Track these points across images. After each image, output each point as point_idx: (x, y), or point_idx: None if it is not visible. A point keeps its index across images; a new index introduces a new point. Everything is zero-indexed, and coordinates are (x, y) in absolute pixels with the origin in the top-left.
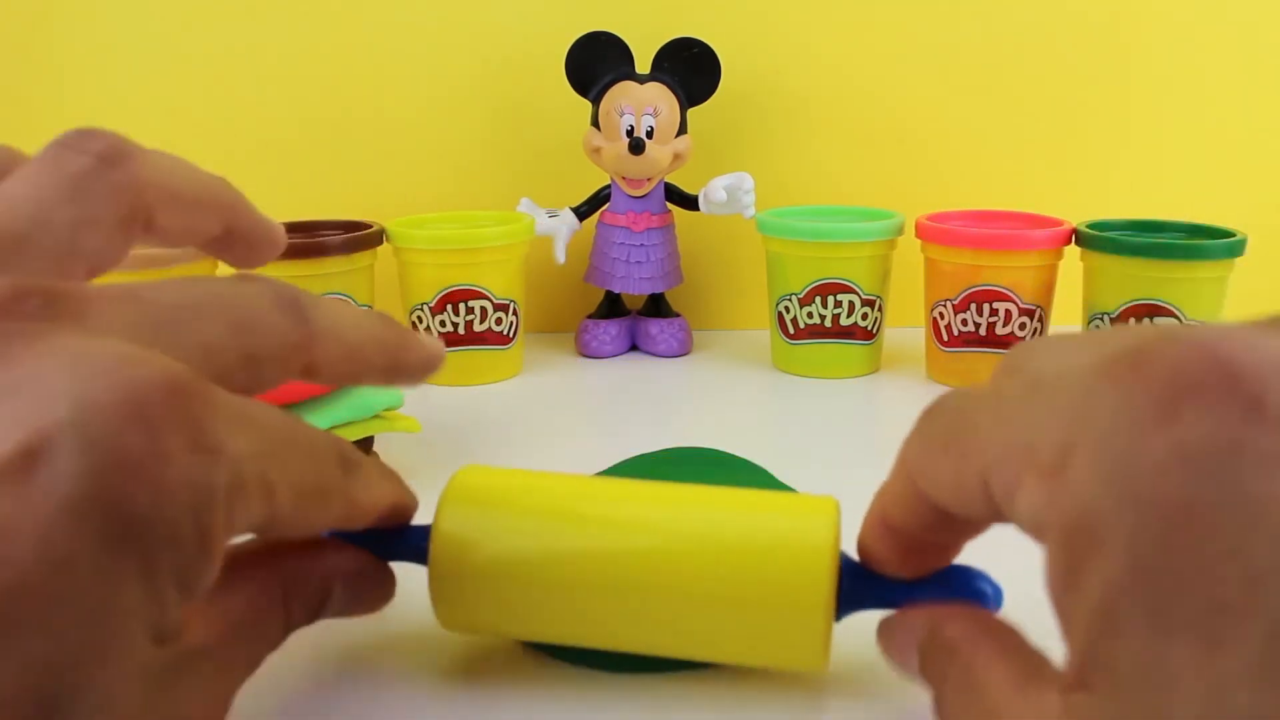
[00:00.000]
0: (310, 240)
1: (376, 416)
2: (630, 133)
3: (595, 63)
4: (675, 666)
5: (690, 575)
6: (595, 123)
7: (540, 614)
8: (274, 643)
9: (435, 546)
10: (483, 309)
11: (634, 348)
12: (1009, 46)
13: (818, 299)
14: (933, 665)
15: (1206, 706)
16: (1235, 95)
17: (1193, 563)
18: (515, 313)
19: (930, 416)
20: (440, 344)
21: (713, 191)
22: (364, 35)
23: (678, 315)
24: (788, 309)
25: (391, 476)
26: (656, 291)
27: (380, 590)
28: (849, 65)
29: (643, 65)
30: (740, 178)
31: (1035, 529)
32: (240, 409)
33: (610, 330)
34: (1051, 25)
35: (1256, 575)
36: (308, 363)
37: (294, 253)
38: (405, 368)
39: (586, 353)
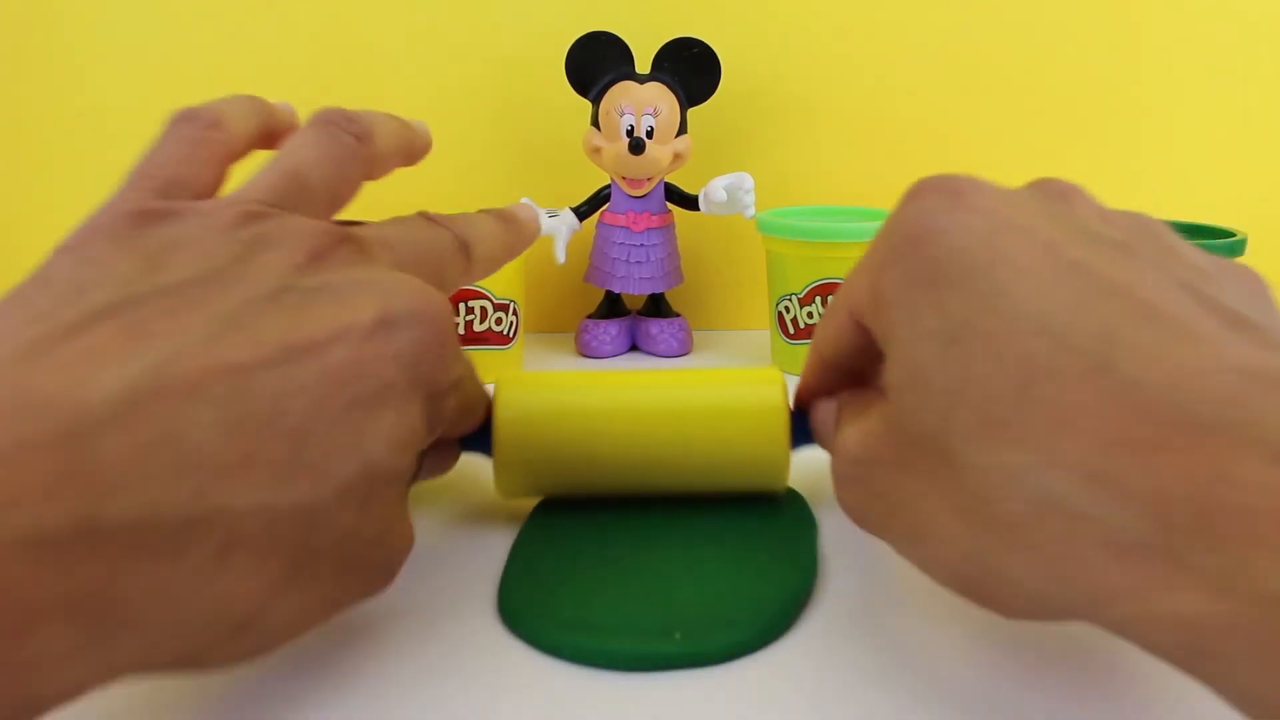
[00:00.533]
0: None
1: None
2: (630, 133)
3: (595, 63)
4: (675, 666)
5: (692, 424)
6: (595, 123)
7: (583, 468)
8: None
9: (497, 428)
10: (483, 309)
11: (634, 348)
12: (1009, 46)
13: (818, 299)
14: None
15: (933, 318)
16: (1235, 95)
17: (923, 256)
18: (515, 313)
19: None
20: (532, 222)
21: (713, 191)
22: (364, 35)
23: (678, 315)
24: (788, 309)
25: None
26: (656, 291)
27: (449, 457)
28: (849, 65)
29: (643, 65)
30: (740, 177)
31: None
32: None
33: (610, 330)
34: (1052, 25)
35: (950, 251)
36: (468, 285)
37: None
38: (520, 250)
39: (586, 353)
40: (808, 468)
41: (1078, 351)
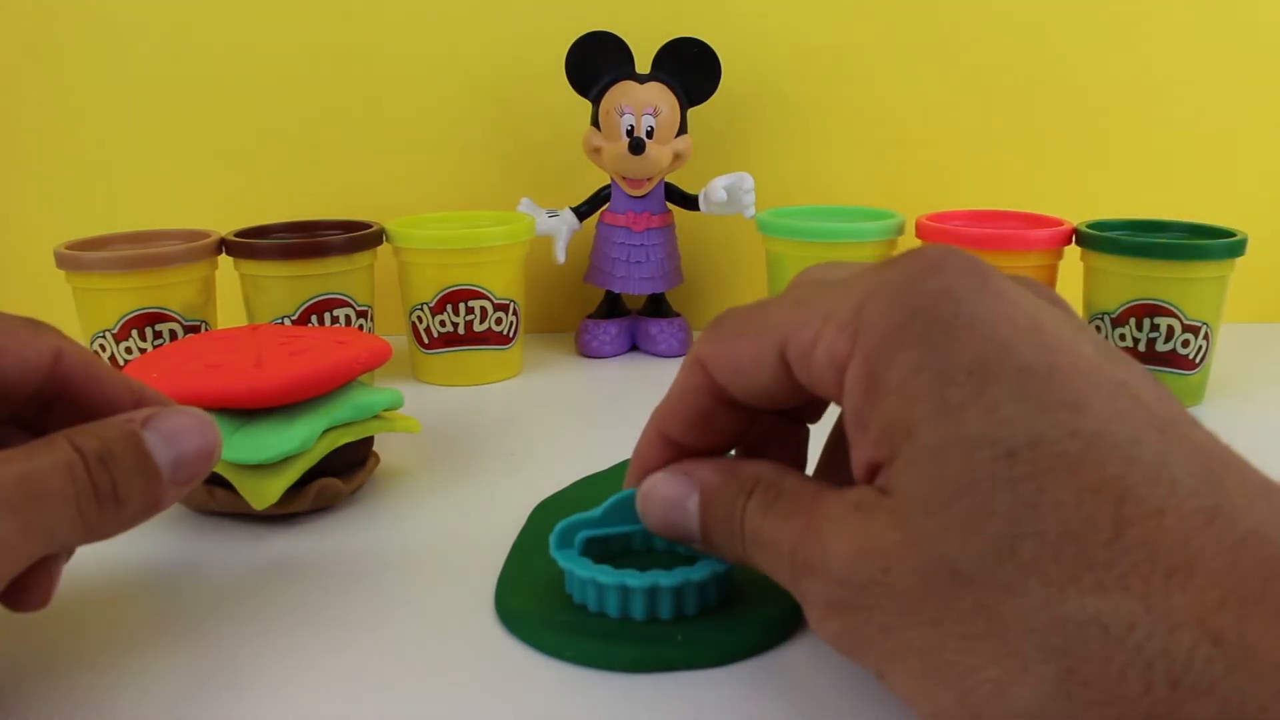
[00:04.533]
0: (310, 240)
1: (376, 417)
2: (630, 133)
3: (595, 63)
4: (676, 668)
5: None
6: (595, 123)
7: None
8: None
9: None
10: (483, 309)
11: (634, 348)
12: (1009, 47)
13: None
14: (723, 509)
15: (982, 422)
16: (1235, 95)
17: (959, 344)
18: (515, 313)
19: (720, 320)
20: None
21: (713, 191)
22: (364, 35)
23: (678, 315)
24: None
25: None
26: (656, 291)
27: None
28: (849, 65)
29: (643, 65)
30: (740, 177)
31: (831, 369)
32: None
33: (610, 330)
34: (1051, 25)
35: (993, 344)
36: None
37: (294, 253)
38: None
39: (586, 353)
40: (807, 467)
41: (1183, 491)
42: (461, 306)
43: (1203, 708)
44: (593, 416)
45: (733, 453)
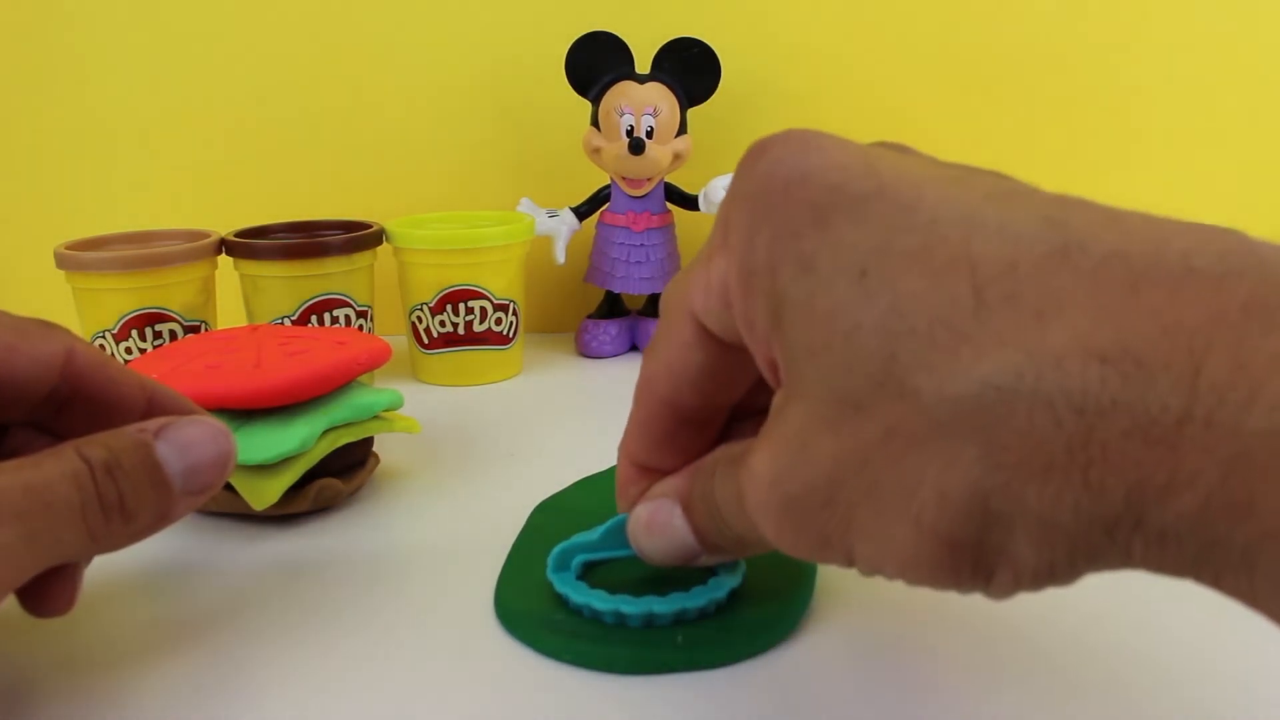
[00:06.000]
0: (310, 240)
1: (376, 417)
2: (630, 133)
3: (595, 63)
4: (677, 670)
5: None
6: (595, 123)
7: None
8: None
9: None
10: (483, 309)
11: (634, 348)
12: (1008, 47)
13: None
14: (701, 505)
15: (832, 257)
16: (1235, 95)
17: (796, 202)
18: (515, 313)
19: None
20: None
21: (713, 191)
22: (364, 35)
23: None
24: None
25: None
26: (656, 291)
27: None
28: (849, 65)
29: (643, 65)
30: None
31: (725, 294)
32: None
33: (610, 330)
34: (1051, 25)
35: (825, 188)
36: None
37: (294, 253)
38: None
39: (586, 353)
40: None
41: (1029, 240)
42: (461, 306)
43: (1114, 424)
44: (593, 416)
45: None
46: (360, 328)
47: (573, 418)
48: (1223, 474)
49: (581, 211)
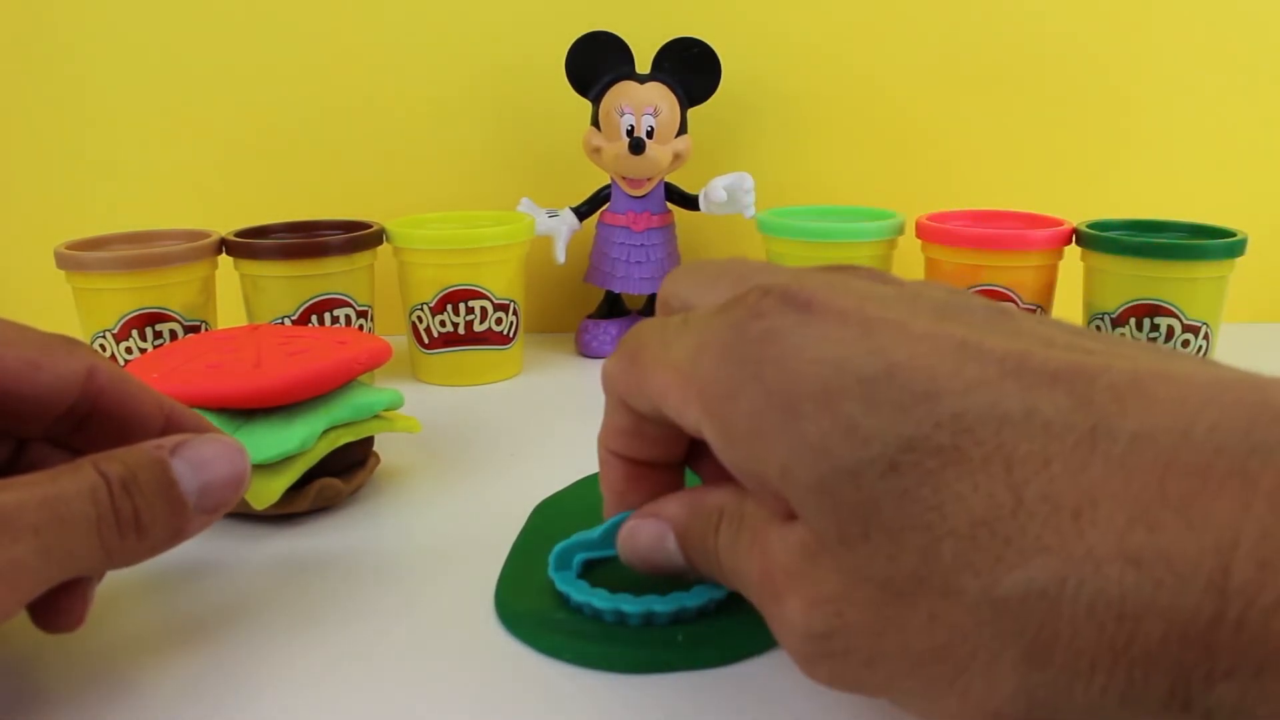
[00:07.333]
0: (310, 240)
1: (376, 416)
2: (630, 133)
3: (595, 63)
4: (677, 668)
5: None
6: (595, 123)
7: None
8: None
9: None
10: (483, 309)
11: None
12: (1009, 46)
13: None
14: (697, 545)
15: (848, 445)
16: (1235, 95)
17: (794, 376)
18: (515, 313)
19: (624, 340)
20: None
21: (713, 191)
22: (364, 35)
23: None
24: None
25: None
26: (656, 291)
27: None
28: (849, 65)
29: (643, 65)
30: (740, 177)
31: (685, 422)
32: None
33: (610, 330)
34: (1051, 25)
35: (828, 365)
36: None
37: (294, 253)
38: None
39: (586, 353)
40: None
41: (1059, 429)
42: (461, 306)
43: (1152, 627)
44: (593, 416)
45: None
46: (360, 328)
47: (573, 418)
48: (1256, 672)
49: (581, 211)
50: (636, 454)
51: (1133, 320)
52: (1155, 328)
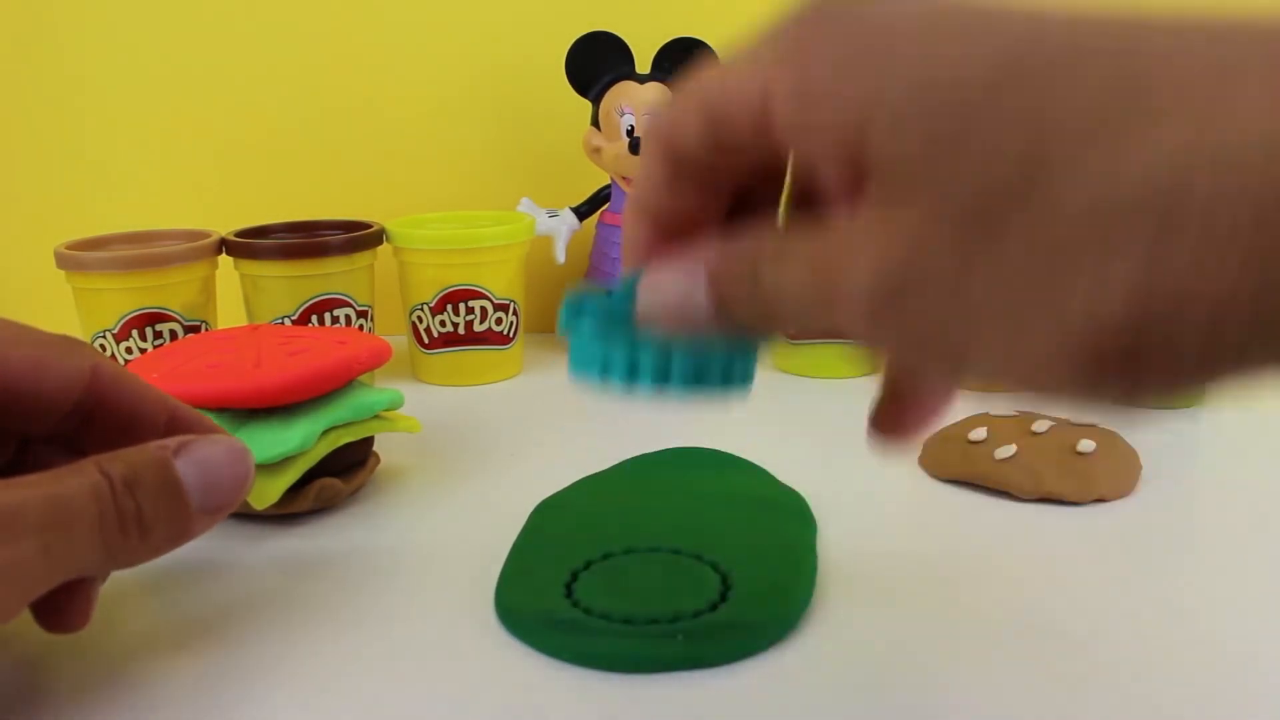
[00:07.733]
0: (310, 240)
1: (376, 417)
2: (630, 132)
3: (595, 63)
4: (677, 668)
5: None
6: (595, 123)
7: None
8: None
9: None
10: (483, 309)
11: None
12: None
13: None
14: (733, 277)
15: (940, 61)
16: None
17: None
18: (515, 313)
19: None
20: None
21: None
22: (364, 35)
23: None
24: None
25: None
26: None
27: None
28: None
29: (643, 65)
30: None
31: (748, 101)
32: None
33: None
34: None
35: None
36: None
37: (294, 253)
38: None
39: None
40: (807, 466)
41: (1185, 32)
42: (461, 306)
43: None
44: (593, 417)
45: None
46: (360, 328)
47: (573, 418)
48: None
49: (581, 211)
50: (671, 201)
51: None
52: None
